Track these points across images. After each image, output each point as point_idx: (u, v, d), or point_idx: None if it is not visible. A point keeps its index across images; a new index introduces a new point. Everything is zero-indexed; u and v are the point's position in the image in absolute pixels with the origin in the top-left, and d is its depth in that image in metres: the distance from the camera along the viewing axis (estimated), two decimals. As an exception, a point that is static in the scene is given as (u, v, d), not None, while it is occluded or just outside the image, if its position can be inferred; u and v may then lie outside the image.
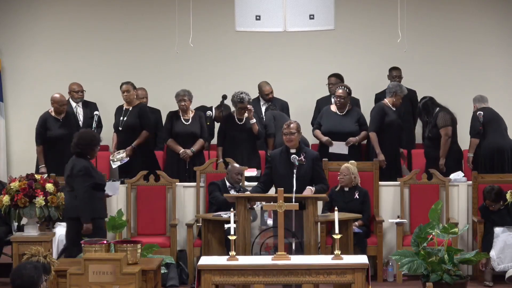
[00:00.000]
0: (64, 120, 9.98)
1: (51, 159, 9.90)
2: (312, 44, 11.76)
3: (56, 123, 9.96)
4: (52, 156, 9.92)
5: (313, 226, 7.87)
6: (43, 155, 9.95)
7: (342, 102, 10.15)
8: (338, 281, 6.98)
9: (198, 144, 10.12)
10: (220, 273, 6.92)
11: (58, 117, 9.96)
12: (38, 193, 8.05)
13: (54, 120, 9.96)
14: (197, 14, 10.72)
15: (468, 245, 9.42)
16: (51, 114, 10.00)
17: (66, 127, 9.95)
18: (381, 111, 10.11)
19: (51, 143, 9.94)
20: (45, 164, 9.95)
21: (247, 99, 10.08)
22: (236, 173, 9.23)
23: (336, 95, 10.18)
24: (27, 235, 8.14)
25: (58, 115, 9.95)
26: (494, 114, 9.93)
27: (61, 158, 9.71)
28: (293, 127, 8.40)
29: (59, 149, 9.85)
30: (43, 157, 9.95)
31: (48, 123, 9.95)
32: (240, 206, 7.94)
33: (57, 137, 9.92)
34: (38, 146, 9.96)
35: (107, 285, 6.87)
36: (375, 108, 10.27)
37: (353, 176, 9.29)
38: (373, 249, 9.18)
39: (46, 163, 9.98)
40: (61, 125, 9.96)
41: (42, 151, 9.95)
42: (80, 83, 11.01)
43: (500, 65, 11.75)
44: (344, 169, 9.28)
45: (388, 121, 10.06)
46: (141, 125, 10.13)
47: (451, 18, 11.80)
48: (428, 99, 10.11)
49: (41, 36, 11.95)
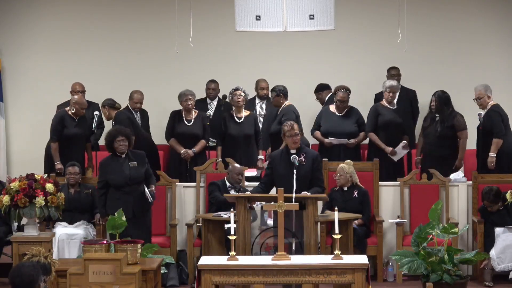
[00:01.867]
0: (80, 120, 10.02)
1: (63, 157, 9.91)
2: (312, 44, 11.76)
3: (73, 123, 9.98)
4: (64, 154, 9.93)
5: (313, 226, 7.87)
6: (58, 152, 9.96)
7: (344, 104, 10.16)
8: (338, 281, 6.99)
9: (200, 145, 10.12)
10: (220, 273, 6.93)
11: (75, 117, 9.99)
12: (38, 193, 8.05)
13: (70, 119, 9.98)
14: (197, 14, 10.72)
15: (468, 245, 9.42)
16: (68, 113, 10.01)
17: (81, 127, 10.00)
18: (375, 111, 10.14)
19: (65, 141, 9.96)
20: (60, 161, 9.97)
21: (241, 88, 10.10)
22: (237, 173, 9.23)
23: (338, 99, 10.17)
24: (27, 235, 8.14)
25: (75, 115, 9.98)
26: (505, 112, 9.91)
27: (71, 156, 9.76)
28: (296, 127, 8.42)
29: (69, 148, 9.91)
30: (58, 154, 9.95)
31: (65, 121, 9.97)
32: (240, 206, 7.95)
33: (72, 135, 9.94)
34: (54, 142, 9.96)
35: (107, 285, 6.88)
36: (370, 109, 10.29)
37: (349, 175, 9.28)
38: (373, 249, 9.18)
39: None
40: (76, 124, 9.99)
41: (58, 147, 9.96)
42: (82, 84, 11.00)
43: (500, 65, 11.76)
44: (339, 169, 9.30)
45: (383, 121, 10.07)
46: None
47: (451, 18, 11.81)
48: (447, 95, 10.02)
49: (41, 36, 11.95)
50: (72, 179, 9.28)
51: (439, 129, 9.85)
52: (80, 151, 10.04)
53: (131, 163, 8.69)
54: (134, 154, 8.81)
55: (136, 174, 8.67)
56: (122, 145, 8.68)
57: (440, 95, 9.93)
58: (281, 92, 10.20)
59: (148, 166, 8.82)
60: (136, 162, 8.72)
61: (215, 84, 11.21)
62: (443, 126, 9.85)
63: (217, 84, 11.23)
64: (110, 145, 8.75)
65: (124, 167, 8.67)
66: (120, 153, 8.72)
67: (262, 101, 11.13)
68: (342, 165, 9.31)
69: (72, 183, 9.29)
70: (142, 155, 8.85)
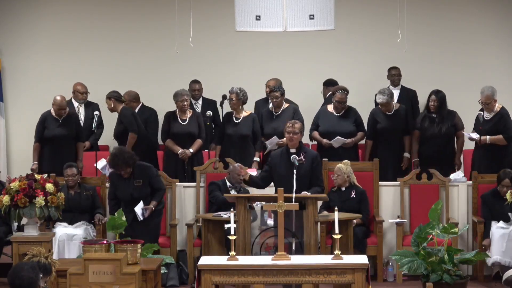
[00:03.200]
0: (64, 121, 9.99)
1: (47, 158, 9.93)
2: (312, 44, 11.75)
3: (55, 123, 9.97)
4: (48, 155, 9.94)
5: (313, 226, 7.88)
6: (37, 152, 9.99)
7: (342, 105, 10.14)
8: (338, 281, 6.99)
9: (196, 145, 10.11)
10: (220, 273, 6.93)
11: (58, 118, 9.97)
12: (38, 193, 8.05)
13: (53, 120, 9.98)
14: (197, 14, 10.72)
15: (468, 245, 9.42)
16: (51, 114, 10.01)
17: (65, 128, 9.96)
18: (372, 119, 10.19)
19: (47, 142, 9.96)
20: (38, 162, 9.96)
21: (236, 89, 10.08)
22: (238, 174, 9.22)
23: (336, 100, 10.15)
24: (27, 235, 8.14)
25: (58, 116, 9.97)
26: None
27: (56, 157, 9.78)
28: (297, 127, 8.44)
29: (54, 149, 9.91)
30: (37, 154, 9.99)
31: (47, 122, 9.97)
32: (240, 206, 7.95)
33: (53, 136, 9.94)
34: (35, 143, 10.01)
35: (107, 285, 6.88)
36: (369, 114, 10.28)
37: (346, 175, 9.28)
38: (373, 249, 9.18)
39: (40, 161, 10.00)
40: (59, 125, 9.97)
41: (37, 148, 9.99)
42: (85, 84, 10.99)
43: (500, 65, 11.75)
44: (337, 169, 9.29)
45: (380, 128, 10.09)
46: (126, 129, 10.12)
47: (451, 18, 11.80)
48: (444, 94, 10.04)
49: (41, 36, 11.94)
50: (70, 181, 9.28)
51: (444, 129, 9.88)
52: (69, 151, 9.98)
53: (136, 182, 8.90)
54: (140, 169, 8.94)
55: (139, 194, 8.89)
56: (124, 173, 8.89)
57: (442, 95, 9.96)
58: (284, 93, 10.24)
59: (157, 178, 9.00)
60: (141, 179, 8.91)
61: (199, 85, 11.18)
62: (447, 126, 9.89)
63: (201, 85, 11.20)
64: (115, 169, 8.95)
65: (129, 185, 8.90)
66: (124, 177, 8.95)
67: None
68: (340, 165, 9.31)
69: (71, 185, 9.28)
70: (148, 169, 8.98)
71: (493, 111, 9.76)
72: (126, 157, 8.83)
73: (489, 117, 9.73)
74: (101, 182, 9.55)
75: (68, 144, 10.00)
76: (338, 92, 10.17)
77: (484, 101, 9.74)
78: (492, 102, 9.71)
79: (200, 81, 11.18)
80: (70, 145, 10.01)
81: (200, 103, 11.18)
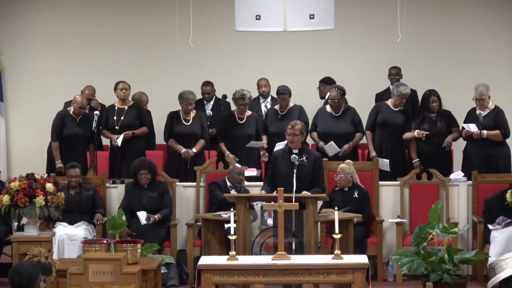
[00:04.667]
0: (81, 120, 10.03)
1: (64, 156, 9.92)
2: (312, 43, 11.76)
3: (73, 122, 10.00)
4: (65, 153, 9.94)
5: (313, 226, 7.88)
6: (58, 151, 9.98)
7: (337, 104, 10.10)
8: (338, 281, 6.99)
9: (199, 145, 10.11)
10: (220, 273, 6.93)
11: (76, 117, 10.00)
12: (38, 193, 8.05)
13: (71, 119, 10.00)
14: (197, 14, 10.72)
15: (468, 245, 9.42)
16: (69, 113, 10.02)
17: (82, 127, 10.01)
18: (375, 109, 10.17)
19: (65, 141, 9.97)
20: (59, 160, 9.96)
21: (248, 96, 10.14)
22: (238, 173, 9.23)
23: (330, 97, 10.14)
24: (27, 235, 8.14)
25: (76, 115, 9.99)
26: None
27: (72, 156, 9.78)
28: (297, 128, 8.41)
29: (70, 148, 9.94)
30: (59, 153, 9.97)
31: (65, 121, 9.99)
32: (240, 206, 7.95)
33: (71, 135, 9.97)
34: (55, 142, 10.00)
35: (107, 285, 6.88)
36: (373, 106, 10.31)
37: (349, 176, 9.27)
38: (373, 249, 9.18)
39: (51, 158, 10.04)
40: (77, 124, 10.00)
41: (58, 147, 9.98)
42: (93, 87, 10.96)
43: (500, 64, 11.75)
44: (340, 170, 9.27)
45: (381, 120, 10.06)
46: (141, 125, 10.19)
47: (451, 18, 11.81)
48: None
49: (41, 36, 11.95)
50: (73, 182, 9.28)
51: (444, 128, 9.90)
52: (82, 151, 10.05)
53: (151, 193, 9.24)
54: (157, 184, 9.30)
55: (152, 206, 9.20)
56: (144, 178, 9.20)
57: (438, 95, 9.96)
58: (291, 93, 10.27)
59: (168, 196, 9.32)
60: (157, 192, 9.25)
61: (210, 87, 11.12)
62: (445, 125, 9.90)
63: (212, 86, 11.16)
64: (134, 176, 9.25)
65: (144, 196, 9.21)
66: (142, 185, 9.21)
67: (265, 99, 11.09)
68: (342, 166, 9.29)
69: (74, 185, 9.29)
70: (164, 186, 9.34)
71: (487, 107, 9.78)
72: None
73: (485, 114, 9.75)
74: (101, 182, 9.55)
75: (83, 144, 10.06)
76: (332, 90, 10.14)
77: (479, 97, 9.75)
78: (486, 98, 9.73)
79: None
80: (83, 145, 10.07)
81: (211, 104, 11.13)
